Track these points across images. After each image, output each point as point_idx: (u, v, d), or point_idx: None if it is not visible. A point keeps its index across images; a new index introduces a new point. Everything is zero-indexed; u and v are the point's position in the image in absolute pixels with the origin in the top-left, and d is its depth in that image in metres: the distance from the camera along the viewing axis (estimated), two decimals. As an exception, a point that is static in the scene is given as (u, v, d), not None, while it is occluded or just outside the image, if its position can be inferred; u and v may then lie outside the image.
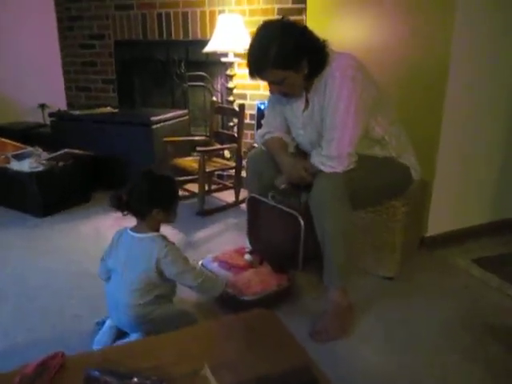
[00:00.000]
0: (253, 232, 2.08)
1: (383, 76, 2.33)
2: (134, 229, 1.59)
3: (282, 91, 1.78)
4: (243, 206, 3.00)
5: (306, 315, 1.80)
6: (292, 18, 2.98)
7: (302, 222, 1.72)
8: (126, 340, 1.58)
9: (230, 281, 1.79)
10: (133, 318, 1.55)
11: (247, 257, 1.97)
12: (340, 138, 1.66)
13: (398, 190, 1.97)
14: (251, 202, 2.01)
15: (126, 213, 1.55)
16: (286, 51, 1.62)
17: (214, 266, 1.94)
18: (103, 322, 1.69)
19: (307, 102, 1.83)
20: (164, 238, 1.58)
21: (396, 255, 2.03)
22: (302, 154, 1.98)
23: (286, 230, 1.80)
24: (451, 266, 2.22)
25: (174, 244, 1.60)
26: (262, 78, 1.71)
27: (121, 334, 1.63)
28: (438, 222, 2.38)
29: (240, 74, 3.32)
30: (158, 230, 1.60)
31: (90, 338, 1.66)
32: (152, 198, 1.53)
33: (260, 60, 1.64)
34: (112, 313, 1.64)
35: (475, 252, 2.34)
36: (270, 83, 1.74)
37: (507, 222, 2.55)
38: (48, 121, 3.63)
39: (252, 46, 1.68)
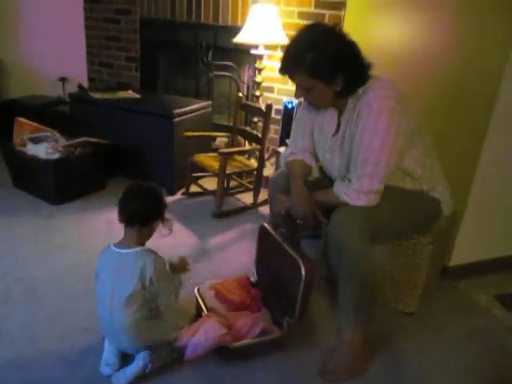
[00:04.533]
0: (260, 263, 1.99)
1: (421, 89, 2.22)
2: (119, 244, 1.56)
3: (307, 99, 1.68)
4: (261, 209, 2.92)
5: (317, 350, 1.74)
6: (329, 12, 2.96)
7: (303, 273, 1.58)
8: (135, 365, 1.54)
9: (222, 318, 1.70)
10: (133, 336, 1.52)
11: None
12: (372, 175, 1.55)
13: (425, 225, 1.86)
14: (261, 231, 1.91)
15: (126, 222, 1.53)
16: (322, 61, 1.50)
17: (210, 294, 1.84)
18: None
19: (339, 125, 1.71)
20: (151, 251, 1.54)
21: (418, 291, 1.94)
22: (327, 178, 1.88)
23: (288, 274, 1.69)
24: (473, 302, 2.13)
25: (162, 258, 1.56)
26: (291, 78, 1.61)
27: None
28: (463, 252, 2.27)
29: (269, 66, 3.19)
30: (144, 243, 1.57)
31: (95, 354, 1.63)
32: (159, 208, 1.56)
33: (294, 61, 1.55)
34: (110, 337, 1.60)
35: (499, 286, 2.24)
36: (298, 86, 1.63)
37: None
38: (67, 95, 3.54)
39: (291, 43, 1.58)
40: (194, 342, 1.56)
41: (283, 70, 1.60)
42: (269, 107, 2.71)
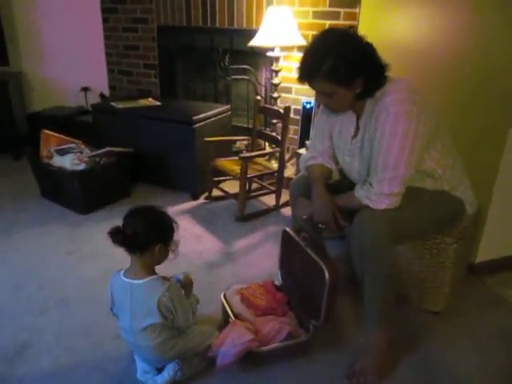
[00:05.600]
0: (284, 267, 2.01)
1: (439, 85, 2.20)
2: (128, 274, 1.53)
3: (328, 104, 1.68)
4: (283, 210, 2.94)
5: (343, 353, 1.76)
6: (344, 10, 2.94)
7: (327, 278, 1.60)
8: (165, 375, 1.58)
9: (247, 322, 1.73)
10: (160, 355, 1.56)
11: None
12: (392, 178, 1.55)
13: (448, 224, 1.84)
14: (284, 235, 1.93)
15: (126, 249, 1.49)
16: (341, 65, 1.50)
17: (236, 299, 1.86)
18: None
19: (358, 128, 1.71)
20: (163, 280, 1.52)
21: (444, 290, 1.93)
22: (347, 180, 1.88)
23: (312, 278, 1.70)
24: (501, 299, 2.10)
25: (174, 285, 1.55)
26: (311, 86, 1.61)
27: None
28: (490, 248, 2.25)
29: (286, 67, 3.19)
30: (153, 270, 1.54)
31: (128, 362, 1.69)
32: (155, 233, 1.49)
33: (312, 69, 1.54)
34: (138, 354, 1.65)
35: (529, 282, 2.21)
36: (318, 93, 1.64)
37: None
38: (90, 105, 3.62)
39: (307, 51, 1.58)
40: (223, 351, 1.59)
41: (302, 79, 1.60)
42: (287, 109, 2.72)
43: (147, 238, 1.47)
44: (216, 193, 3.06)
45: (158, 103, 3.31)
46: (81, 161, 2.79)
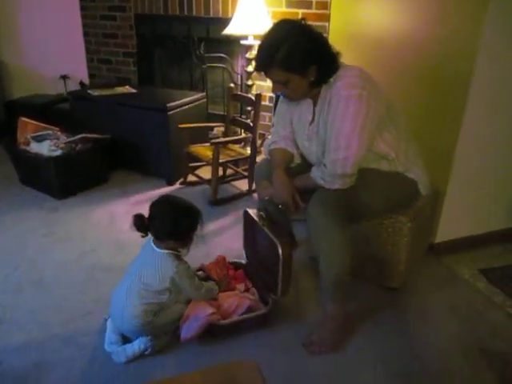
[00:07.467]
0: (248, 246, 2.14)
1: (402, 73, 2.33)
2: (155, 241, 1.71)
3: (285, 93, 1.77)
4: (256, 194, 3.02)
5: (303, 324, 1.87)
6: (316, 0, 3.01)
7: (280, 253, 1.70)
8: (136, 347, 1.68)
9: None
10: (137, 325, 1.66)
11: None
12: (344, 159, 1.63)
13: (402, 204, 1.94)
14: (245, 216, 2.04)
15: (143, 235, 1.68)
16: (295, 54, 1.59)
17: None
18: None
19: (314, 114, 1.80)
20: (176, 256, 1.69)
21: (400, 267, 2.03)
22: (308, 165, 1.97)
23: (270, 254, 1.80)
24: (457, 276, 2.22)
25: (185, 263, 1.70)
26: (267, 75, 1.70)
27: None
28: (449, 229, 2.36)
29: (260, 56, 3.25)
30: (172, 248, 1.70)
31: (99, 336, 1.78)
32: (171, 231, 1.65)
33: (267, 57, 1.63)
34: (116, 320, 1.74)
35: (484, 261, 2.33)
36: (274, 82, 1.72)
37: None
38: (67, 93, 3.67)
39: (263, 41, 1.66)
40: (186, 325, 1.69)
41: (259, 68, 1.69)
42: (258, 97, 2.80)
43: (162, 234, 1.66)
44: (191, 178, 3.14)
45: (134, 91, 3.38)
46: (57, 147, 2.84)
